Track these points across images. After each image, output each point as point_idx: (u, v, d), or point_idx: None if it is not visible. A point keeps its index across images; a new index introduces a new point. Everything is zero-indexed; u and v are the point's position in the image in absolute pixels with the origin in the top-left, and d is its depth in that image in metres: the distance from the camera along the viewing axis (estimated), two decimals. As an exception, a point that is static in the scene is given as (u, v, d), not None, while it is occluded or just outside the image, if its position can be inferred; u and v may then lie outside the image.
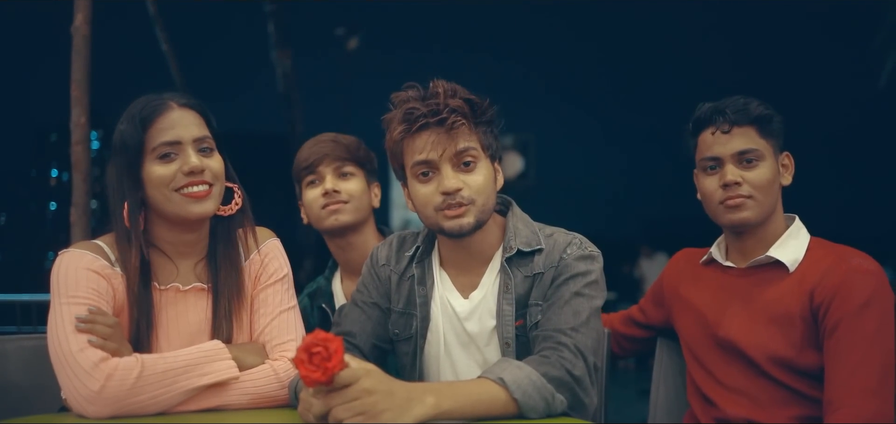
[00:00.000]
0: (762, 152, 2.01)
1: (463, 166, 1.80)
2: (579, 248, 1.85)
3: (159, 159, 1.76)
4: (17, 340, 2.22)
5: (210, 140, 1.81)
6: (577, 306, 1.77)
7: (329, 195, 2.36)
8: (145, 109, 1.77)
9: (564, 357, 1.68)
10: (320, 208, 2.38)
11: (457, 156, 1.79)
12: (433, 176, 1.81)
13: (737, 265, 2.10)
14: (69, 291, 1.69)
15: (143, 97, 1.81)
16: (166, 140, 1.76)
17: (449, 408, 1.49)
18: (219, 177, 1.81)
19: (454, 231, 1.81)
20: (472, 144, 1.81)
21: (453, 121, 1.77)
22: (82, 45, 4.47)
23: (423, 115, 1.78)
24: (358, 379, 1.41)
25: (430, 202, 1.81)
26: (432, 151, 1.79)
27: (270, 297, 1.87)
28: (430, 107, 1.78)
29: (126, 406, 1.60)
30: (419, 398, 1.46)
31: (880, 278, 1.93)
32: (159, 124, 1.76)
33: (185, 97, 1.83)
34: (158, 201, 1.76)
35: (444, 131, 1.78)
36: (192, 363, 1.66)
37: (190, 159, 1.75)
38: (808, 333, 1.94)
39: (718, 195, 2.03)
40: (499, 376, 1.57)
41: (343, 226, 2.37)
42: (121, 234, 1.78)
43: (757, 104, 2.02)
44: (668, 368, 2.34)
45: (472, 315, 1.88)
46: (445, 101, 1.78)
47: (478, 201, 1.81)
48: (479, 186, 1.81)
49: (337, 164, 2.39)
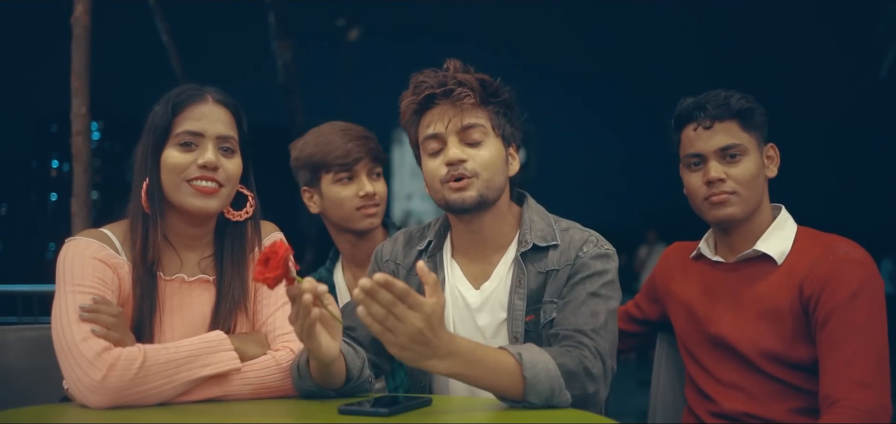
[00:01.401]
0: (745, 147, 1.99)
1: (470, 142, 1.81)
2: (596, 246, 1.85)
3: (179, 147, 1.76)
4: (18, 330, 2.23)
5: (234, 142, 1.80)
6: (594, 307, 1.77)
7: (367, 198, 2.33)
8: (181, 96, 1.78)
9: (585, 356, 1.69)
10: (355, 209, 2.35)
11: (464, 130, 1.81)
12: (441, 151, 1.82)
13: (725, 260, 2.09)
14: (75, 279, 1.69)
15: (184, 84, 1.82)
16: (190, 129, 1.76)
17: (460, 372, 1.53)
18: (231, 179, 1.79)
19: (457, 204, 1.81)
20: (479, 120, 1.81)
21: (460, 93, 1.79)
22: (82, 36, 4.48)
23: (431, 87, 1.80)
24: (417, 309, 1.41)
25: (436, 175, 1.83)
26: (439, 124, 1.81)
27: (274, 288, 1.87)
28: (439, 80, 1.80)
29: (128, 396, 1.60)
30: (442, 356, 1.49)
31: (868, 266, 1.93)
32: (189, 113, 1.77)
33: (222, 94, 1.82)
34: (168, 188, 1.76)
35: (452, 104, 1.80)
36: (195, 353, 1.66)
37: (206, 154, 1.75)
38: (799, 326, 1.93)
39: (703, 192, 2.02)
40: (518, 352, 1.58)
41: (372, 228, 2.37)
42: (136, 213, 1.78)
43: (738, 97, 2.00)
44: (668, 362, 2.34)
45: (484, 307, 1.88)
46: (454, 75, 1.80)
47: (482, 175, 1.80)
48: (484, 160, 1.81)
49: (373, 164, 2.36)
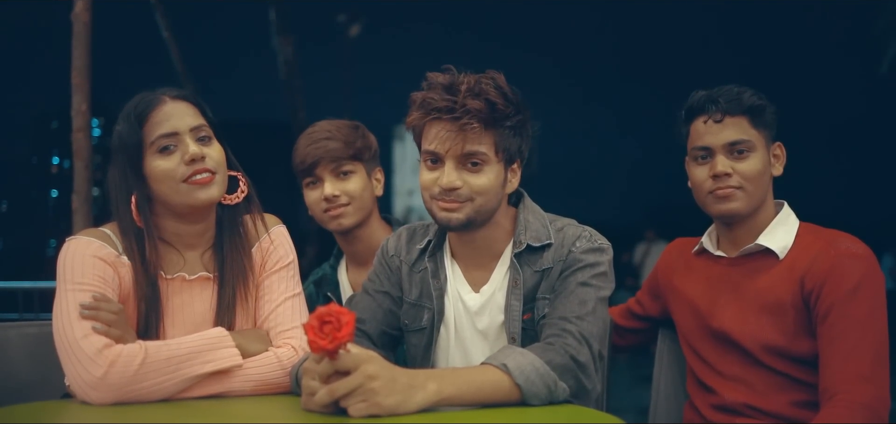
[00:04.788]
0: (754, 143, 2.00)
1: (470, 165, 1.78)
2: (588, 241, 1.84)
3: (159, 153, 1.76)
4: (19, 327, 2.22)
5: (207, 129, 1.81)
6: (583, 295, 1.77)
7: (329, 200, 2.31)
8: (140, 106, 1.78)
9: (569, 344, 1.68)
10: (322, 212, 2.35)
11: (463, 156, 1.77)
12: (438, 167, 1.80)
13: (727, 255, 2.09)
14: (75, 278, 1.69)
15: (137, 95, 1.81)
16: (163, 133, 1.76)
17: (451, 395, 1.50)
18: (220, 165, 1.80)
19: (443, 223, 1.81)
20: (481, 148, 1.77)
21: (466, 122, 1.74)
22: (83, 32, 4.47)
23: (437, 108, 1.76)
24: (360, 366, 1.42)
25: (428, 189, 1.82)
26: (440, 146, 1.77)
27: (275, 284, 1.87)
28: (446, 102, 1.75)
29: (129, 393, 1.60)
30: (422, 384, 1.47)
31: (870, 261, 1.93)
32: (154, 118, 1.77)
33: (177, 90, 1.83)
34: (165, 194, 1.76)
35: (456, 128, 1.75)
36: (196, 350, 1.66)
37: (189, 148, 1.76)
38: (801, 320, 1.94)
39: (708, 185, 2.02)
40: (502, 362, 1.57)
41: (346, 229, 2.35)
42: (127, 229, 1.77)
43: (750, 94, 2.01)
44: (670, 358, 2.34)
45: (483, 310, 1.88)
46: (464, 99, 1.74)
47: (476, 200, 1.79)
48: (480, 187, 1.79)
49: (335, 165, 2.31)
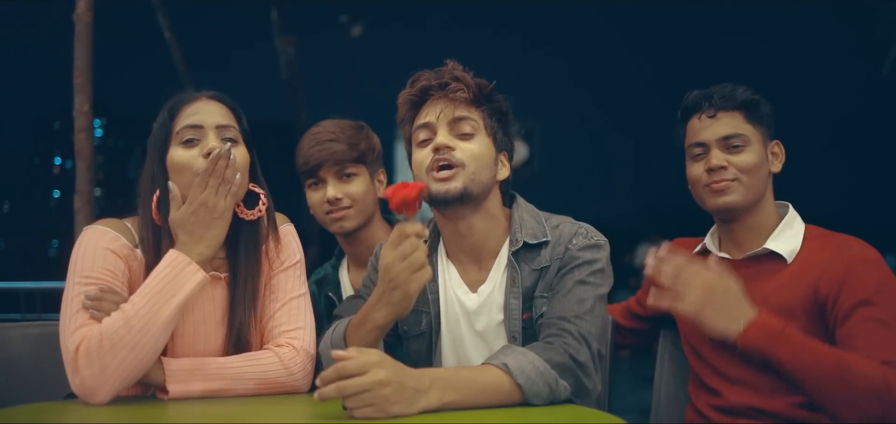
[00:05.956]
0: (749, 138, 2.00)
1: (461, 134, 1.82)
2: (585, 237, 1.84)
3: (182, 144, 1.76)
4: (21, 327, 2.22)
5: (235, 131, 1.81)
6: (581, 293, 1.76)
7: (331, 203, 2.32)
8: (176, 100, 1.81)
9: (568, 343, 1.68)
10: (324, 214, 2.35)
11: (455, 122, 1.82)
12: (430, 140, 1.83)
13: (732, 257, 2.07)
14: (84, 270, 1.69)
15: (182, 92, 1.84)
16: (188, 124, 1.76)
17: (453, 399, 1.51)
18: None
19: (440, 195, 1.79)
20: (471, 115, 1.83)
21: (454, 87, 1.82)
22: (85, 33, 4.47)
23: (427, 80, 1.84)
24: (370, 369, 1.42)
25: (423, 164, 1.82)
26: (431, 114, 1.83)
27: (282, 283, 1.87)
28: (435, 80, 1.84)
29: (113, 376, 1.59)
30: (425, 389, 1.48)
31: (882, 265, 1.93)
32: (185, 111, 1.79)
33: (217, 92, 1.84)
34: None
35: (445, 97, 1.82)
36: (158, 289, 1.64)
37: (209, 142, 1.75)
38: (811, 325, 1.92)
39: (704, 179, 2.02)
40: (503, 362, 1.57)
41: (348, 231, 2.36)
42: (146, 224, 1.77)
43: (744, 90, 2.01)
44: (671, 358, 2.33)
45: (482, 310, 1.88)
46: (451, 71, 1.84)
47: (469, 166, 1.79)
48: (472, 153, 1.81)
49: (338, 167, 2.32)
